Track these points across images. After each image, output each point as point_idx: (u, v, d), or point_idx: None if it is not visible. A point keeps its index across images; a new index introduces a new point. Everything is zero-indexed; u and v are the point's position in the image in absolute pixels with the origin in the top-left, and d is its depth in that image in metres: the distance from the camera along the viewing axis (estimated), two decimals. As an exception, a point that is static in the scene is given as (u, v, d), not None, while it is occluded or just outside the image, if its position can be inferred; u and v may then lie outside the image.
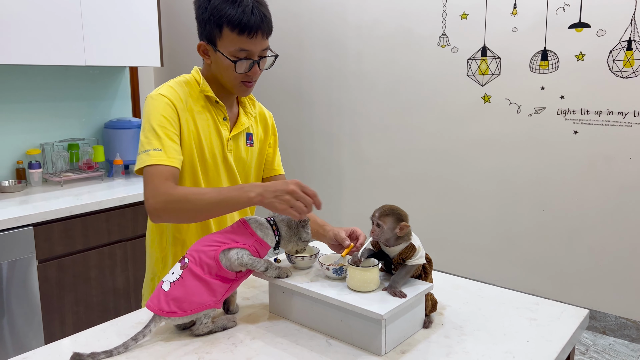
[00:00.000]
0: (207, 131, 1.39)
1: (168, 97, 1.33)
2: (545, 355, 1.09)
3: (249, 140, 1.50)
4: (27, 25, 2.47)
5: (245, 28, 1.27)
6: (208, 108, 1.41)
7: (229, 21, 1.27)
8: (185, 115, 1.36)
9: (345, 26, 3.63)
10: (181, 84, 1.40)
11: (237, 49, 1.30)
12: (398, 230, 1.14)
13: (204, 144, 1.38)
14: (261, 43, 1.32)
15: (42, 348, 1.15)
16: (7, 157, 2.77)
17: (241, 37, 1.28)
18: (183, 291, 1.14)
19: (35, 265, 2.31)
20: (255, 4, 1.29)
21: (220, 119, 1.42)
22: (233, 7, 1.27)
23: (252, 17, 1.27)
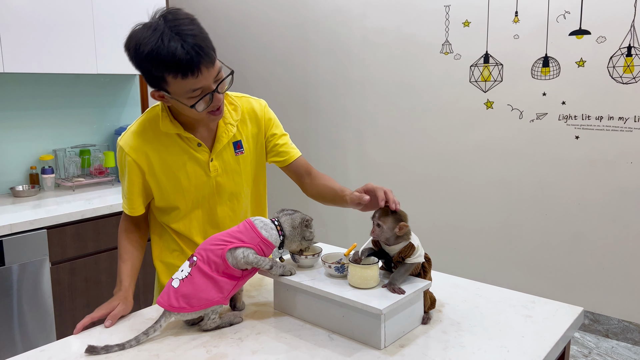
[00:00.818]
0: (182, 166, 1.38)
1: (126, 150, 1.36)
2: (538, 349, 1.14)
3: (237, 149, 1.45)
4: (40, 35, 2.56)
5: (187, 71, 1.17)
6: (179, 144, 1.38)
7: (167, 69, 1.18)
8: (149, 161, 1.37)
9: (350, 34, 3.70)
10: (145, 126, 1.38)
11: (189, 90, 1.22)
12: (397, 230, 1.19)
13: (181, 178, 1.39)
14: (210, 74, 1.22)
15: (58, 342, 1.21)
16: (21, 163, 2.85)
17: (187, 80, 1.19)
18: (192, 288, 1.20)
19: (48, 267, 2.38)
20: (185, 38, 1.16)
21: (195, 147, 1.39)
22: (163, 50, 1.16)
23: (187, 56, 1.16)
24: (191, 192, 1.42)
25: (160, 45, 1.16)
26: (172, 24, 1.18)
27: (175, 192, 1.41)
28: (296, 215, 1.32)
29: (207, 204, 1.46)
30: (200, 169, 1.41)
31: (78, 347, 1.17)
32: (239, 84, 4.38)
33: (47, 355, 1.14)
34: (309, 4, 3.86)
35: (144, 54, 1.18)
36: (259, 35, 4.21)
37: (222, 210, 1.49)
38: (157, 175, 1.39)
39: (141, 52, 1.19)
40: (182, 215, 1.46)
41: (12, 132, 2.80)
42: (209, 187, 1.44)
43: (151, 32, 1.18)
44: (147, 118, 1.39)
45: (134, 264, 1.44)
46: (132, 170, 1.38)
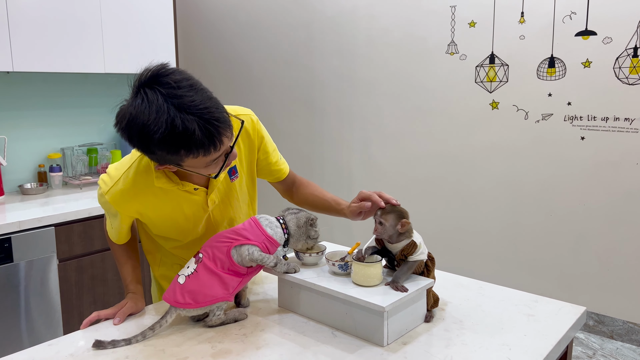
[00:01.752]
0: (179, 211, 1.32)
1: (116, 208, 1.26)
2: (540, 348, 1.14)
3: (232, 174, 1.38)
4: (49, 35, 2.59)
5: (209, 148, 1.08)
6: (176, 192, 1.29)
7: (186, 150, 1.08)
8: (143, 213, 1.30)
9: (356, 34, 3.71)
10: (137, 179, 1.25)
11: (208, 162, 1.14)
12: (399, 227, 1.20)
13: (178, 219, 1.33)
14: (227, 143, 1.13)
15: (65, 336, 1.23)
16: (30, 161, 2.88)
17: (207, 157, 1.11)
18: (197, 284, 1.21)
19: (56, 265, 2.41)
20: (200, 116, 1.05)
21: (191, 191, 1.30)
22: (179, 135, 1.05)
23: (208, 134, 1.06)
24: (190, 229, 1.37)
25: (172, 129, 1.04)
26: (175, 98, 1.05)
27: (173, 229, 1.36)
28: (301, 215, 1.33)
29: (206, 232, 1.41)
30: (199, 208, 1.35)
31: (85, 342, 1.19)
32: (244, 84, 4.41)
33: (55, 350, 1.16)
34: (315, 4, 3.88)
35: (154, 139, 1.05)
36: (265, 35, 4.22)
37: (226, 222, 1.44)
38: (153, 219, 1.33)
39: (150, 138, 1.05)
40: (180, 245, 1.42)
41: (21, 131, 2.83)
42: (207, 219, 1.39)
43: (155, 113, 1.04)
44: (136, 172, 1.25)
45: (133, 264, 1.44)
46: (122, 218, 1.30)
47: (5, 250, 2.24)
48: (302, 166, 4.12)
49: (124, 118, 1.09)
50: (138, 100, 1.07)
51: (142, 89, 1.08)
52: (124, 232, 1.39)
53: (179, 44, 4.68)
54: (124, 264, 1.44)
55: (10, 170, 2.80)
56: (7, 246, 2.24)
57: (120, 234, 1.40)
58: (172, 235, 1.39)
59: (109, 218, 1.37)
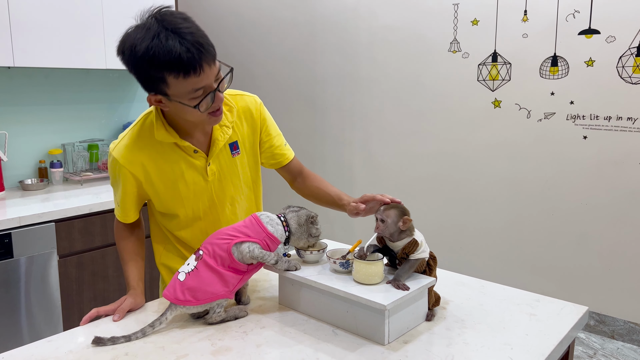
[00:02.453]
0: (179, 173, 1.36)
1: (121, 163, 1.32)
2: (542, 347, 1.14)
3: (233, 150, 1.42)
4: (50, 30, 2.58)
5: (189, 69, 1.12)
6: (176, 151, 1.34)
7: (167, 68, 1.12)
8: (145, 171, 1.33)
9: (358, 32, 3.69)
10: (141, 133, 1.33)
11: (190, 91, 1.17)
12: (401, 224, 1.20)
13: (179, 186, 1.36)
14: (211, 72, 1.17)
15: (65, 332, 1.22)
16: (30, 157, 2.87)
17: (189, 79, 1.14)
18: (197, 281, 1.21)
19: (56, 260, 2.40)
20: (182, 36, 1.12)
21: (191, 153, 1.35)
22: (161, 49, 1.10)
23: (187, 53, 1.11)
24: (190, 199, 1.39)
25: (157, 43, 1.10)
26: (166, 23, 1.13)
27: (174, 200, 1.38)
28: (302, 212, 1.33)
29: (209, 210, 1.43)
30: (198, 175, 1.37)
31: (85, 338, 1.18)
32: (246, 82, 4.40)
33: (55, 346, 1.16)
34: (317, 2, 3.86)
35: (139, 54, 1.12)
36: (267, 33, 4.21)
37: (224, 216, 1.46)
38: (155, 185, 1.36)
39: (136, 52, 1.12)
40: (184, 224, 1.43)
41: (22, 127, 2.82)
42: (207, 193, 1.41)
43: (145, 31, 1.12)
44: (141, 127, 1.34)
45: (137, 264, 1.44)
46: (127, 180, 1.34)
47: (5, 246, 2.23)
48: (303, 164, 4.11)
49: (121, 41, 1.18)
50: (135, 25, 1.17)
51: (144, 19, 1.17)
52: (127, 204, 1.39)
53: (181, 41, 4.66)
54: (128, 261, 1.43)
55: (10, 165, 2.80)
56: (8, 242, 2.24)
57: (123, 208, 1.40)
58: (175, 208, 1.40)
59: (116, 191, 1.39)
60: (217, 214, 1.45)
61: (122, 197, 1.38)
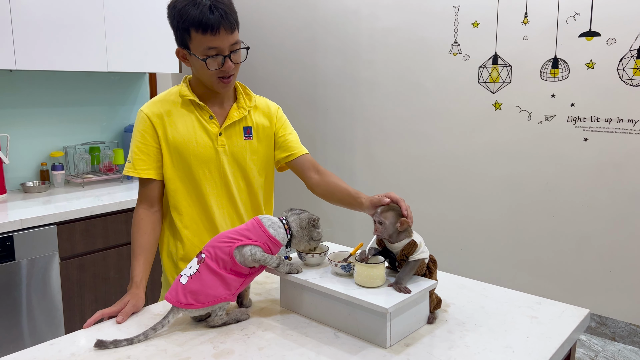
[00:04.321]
0: (192, 132, 1.49)
1: (146, 112, 1.50)
2: (544, 351, 1.14)
3: (247, 134, 1.56)
4: (52, 33, 2.58)
5: (207, 27, 1.35)
6: (193, 111, 1.51)
7: (192, 23, 1.36)
8: (165, 125, 1.49)
9: (359, 34, 3.70)
10: (166, 95, 1.53)
11: (205, 47, 1.38)
12: (399, 225, 1.20)
13: (189, 144, 1.49)
14: (227, 38, 1.38)
15: (67, 336, 1.22)
16: (32, 159, 2.88)
17: (206, 36, 1.36)
18: (200, 284, 1.21)
19: (58, 263, 2.41)
20: (214, 3, 1.36)
21: (206, 119, 1.51)
22: (194, 9, 1.36)
23: (211, 15, 1.34)
24: (200, 163, 1.49)
25: (191, 4, 1.36)
26: None
27: (185, 159, 1.49)
28: (304, 215, 1.33)
29: (219, 185, 1.53)
30: (209, 139, 1.50)
31: (87, 341, 1.18)
32: (248, 83, 4.40)
33: (57, 349, 1.16)
34: (318, 3, 3.87)
35: (177, 8, 1.38)
36: (268, 35, 4.22)
37: (238, 185, 1.56)
38: (169, 141, 1.48)
39: (176, 9, 1.38)
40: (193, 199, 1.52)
41: (24, 129, 2.83)
42: (216, 164, 1.51)
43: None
44: (170, 90, 1.55)
45: (146, 258, 1.46)
46: (146, 129, 1.48)
47: (7, 249, 2.24)
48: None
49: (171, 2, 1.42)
50: None
51: None
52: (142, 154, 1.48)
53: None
54: (138, 255, 1.46)
55: (12, 168, 2.81)
56: (9, 244, 2.24)
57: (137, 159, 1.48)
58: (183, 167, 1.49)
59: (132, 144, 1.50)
60: (228, 193, 1.54)
61: (137, 146, 1.49)
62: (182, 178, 1.51)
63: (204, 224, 1.54)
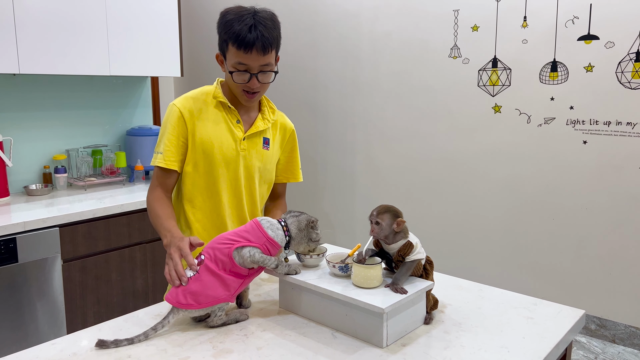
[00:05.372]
0: (219, 132, 1.55)
1: (179, 107, 1.54)
2: (538, 350, 1.15)
3: (265, 144, 1.63)
4: (55, 37, 2.61)
5: (242, 44, 1.42)
6: (222, 113, 1.57)
7: (231, 37, 1.43)
8: (195, 122, 1.54)
9: (359, 38, 3.72)
10: (198, 94, 1.59)
11: (236, 62, 1.46)
12: (395, 226, 1.22)
13: (215, 143, 1.54)
14: (258, 59, 1.45)
15: (69, 335, 1.24)
16: (35, 162, 2.91)
17: (239, 52, 1.43)
18: (199, 285, 1.23)
19: (60, 265, 2.43)
20: (255, 23, 1.42)
21: (234, 122, 1.58)
22: (237, 24, 1.42)
23: (249, 34, 1.41)
24: (220, 162, 1.55)
25: (237, 19, 1.43)
26: (257, 13, 1.45)
27: (206, 157, 1.54)
28: (302, 217, 1.34)
29: (232, 186, 1.58)
30: (233, 142, 1.56)
31: (88, 341, 1.20)
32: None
33: (59, 348, 1.18)
34: (319, 7, 3.90)
35: (225, 19, 1.46)
36: (269, 38, 4.24)
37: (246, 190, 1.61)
38: (196, 137, 1.53)
39: (224, 19, 1.46)
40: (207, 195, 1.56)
41: (27, 132, 2.86)
42: (235, 165, 1.57)
43: (240, 10, 1.45)
44: (202, 89, 1.61)
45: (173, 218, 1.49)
46: (178, 123, 1.53)
47: (10, 251, 2.26)
48: (305, 169, 4.14)
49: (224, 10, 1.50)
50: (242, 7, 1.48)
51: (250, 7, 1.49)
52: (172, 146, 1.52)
53: (184, 47, 4.71)
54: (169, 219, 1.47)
55: (15, 171, 2.83)
56: (12, 246, 2.27)
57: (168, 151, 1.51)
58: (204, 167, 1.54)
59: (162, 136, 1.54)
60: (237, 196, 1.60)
61: (169, 138, 1.53)
62: (202, 174, 1.55)
63: (214, 220, 1.58)
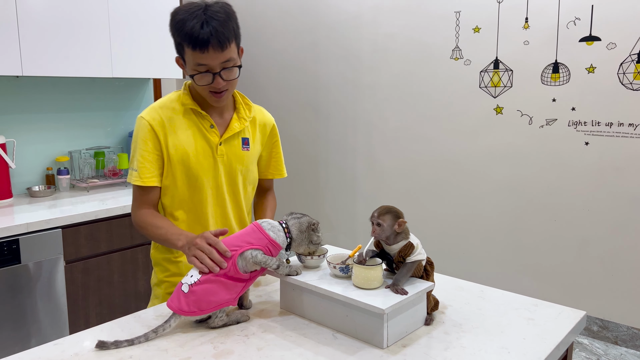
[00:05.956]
0: (194, 141, 1.47)
1: (147, 119, 1.46)
2: (539, 352, 1.15)
3: (244, 144, 1.55)
4: (57, 39, 2.62)
5: (196, 44, 1.33)
6: (194, 120, 1.49)
7: (184, 38, 1.34)
8: (166, 133, 1.46)
9: (361, 39, 3.73)
10: (167, 102, 1.50)
11: (195, 63, 1.37)
12: (397, 227, 1.22)
13: (190, 153, 1.46)
14: (217, 56, 1.35)
15: (71, 336, 1.25)
16: (38, 164, 2.92)
17: (196, 53, 1.34)
18: (202, 293, 1.22)
19: (63, 266, 2.44)
20: (207, 19, 1.32)
21: (207, 127, 1.49)
22: (188, 23, 1.33)
23: (202, 32, 1.31)
24: (198, 171, 1.47)
25: (188, 17, 1.34)
26: (208, 8, 1.35)
27: (183, 168, 1.47)
28: (304, 219, 1.35)
29: (214, 194, 1.51)
30: (209, 149, 1.49)
31: (90, 342, 1.21)
32: (251, 88, 4.44)
33: (60, 349, 1.18)
34: (321, 9, 3.91)
35: (175, 21, 1.38)
36: (271, 40, 4.26)
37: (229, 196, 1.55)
38: (170, 149, 1.46)
39: (175, 20, 1.38)
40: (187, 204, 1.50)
41: (30, 134, 2.87)
42: (214, 173, 1.50)
43: (190, 7, 1.36)
44: (170, 97, 1.53)
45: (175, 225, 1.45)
46: (149, 137, 1.45)
47: (13, 252, 2.27)
48: (306, 170, 4.14)
49: (175, 9, 1.40)
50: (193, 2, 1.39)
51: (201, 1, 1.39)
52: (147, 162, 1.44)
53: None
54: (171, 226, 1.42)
55: (18, 172, 2.84)
56: (15, 247, 2.27)
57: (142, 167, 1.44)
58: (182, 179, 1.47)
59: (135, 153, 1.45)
60: (221, 203, 1.53)
61: (142, 154, 1.45)
62: (181, 187, 1.49)
63: (199, 232, 1.51)
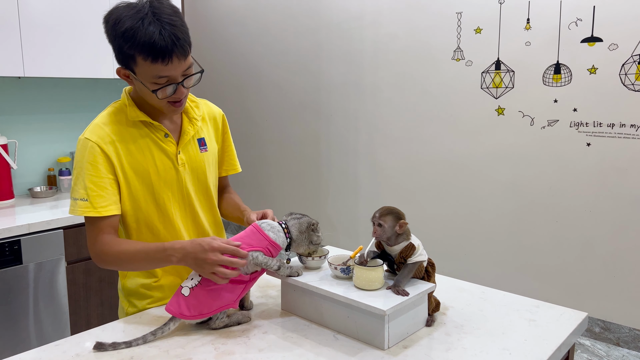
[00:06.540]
0: (150, 155, 1.34)
1: (94, 141, 1.29)
2: (540, 353, 1.15)
3: (202, 146, 1.45)
4: (59, 41, 2.63)
5: (157, 55, 1.18)
6: (146, 132, 1.35)
7: (140, 50, 1.18)
8: (119, 153, 1.31)
9: (362, 40, 3.73)
10: (111, 117, 1.33)
11: (155, 76, 1.22)
12: (398, 228, 1.22)
13: (150, 170, 1.34)
14: (179, 66, 1.23)
15: (72, 337, 1.25)
16: (40, 165, 2.92)
17: (156, 65, 1.20)
18: (203, 296, 1.22)
19: (64, 267, 2.44)
20: (164, 26, 1.18)
21: (162, 138, 1.36)
22: (140, 32, 1.17)
23: (162, 41, 1.17)
24: (161, 187, 1.36)
25: (139, 25, 1.18)
26: (156, 9, 1.20)
27: (144, 187, 1.34)
28: (303, 220, 1.35)
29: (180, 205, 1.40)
30: (169, 161, 1.37)
31: (91, 343, 1.21)
32: (252, 89, 4.44)
33: (62, 350, 1.18)
34: (322, 10, 3.91)
35: (120, 30, 1.19)
36: (273, 41, 4.26)
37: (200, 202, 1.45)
38: (126, 169, 1.32)
39: (118, 28, 1.19)
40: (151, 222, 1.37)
41: (32, 135, 2.87)
42: (178, 184, 1.39)
43: (134, 12, 1.19)
44: (112, 110, 1.36)
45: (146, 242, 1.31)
46: (97, 160, 1.28)
47: (14, 252, 2.27)
48: (308, 171, 4.14)
49: (109, 12, 1.23)
50: (130, 4, 1.22)
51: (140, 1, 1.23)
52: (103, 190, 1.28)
53: (188, 50, 4.72)
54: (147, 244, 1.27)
55: (20, 173, 2.85)
56: (17, 248, 2.28)
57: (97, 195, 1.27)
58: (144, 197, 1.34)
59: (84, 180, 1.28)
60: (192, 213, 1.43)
61: (92, 181, 1.27)
62: (145, 207, 1.35)
63: None
